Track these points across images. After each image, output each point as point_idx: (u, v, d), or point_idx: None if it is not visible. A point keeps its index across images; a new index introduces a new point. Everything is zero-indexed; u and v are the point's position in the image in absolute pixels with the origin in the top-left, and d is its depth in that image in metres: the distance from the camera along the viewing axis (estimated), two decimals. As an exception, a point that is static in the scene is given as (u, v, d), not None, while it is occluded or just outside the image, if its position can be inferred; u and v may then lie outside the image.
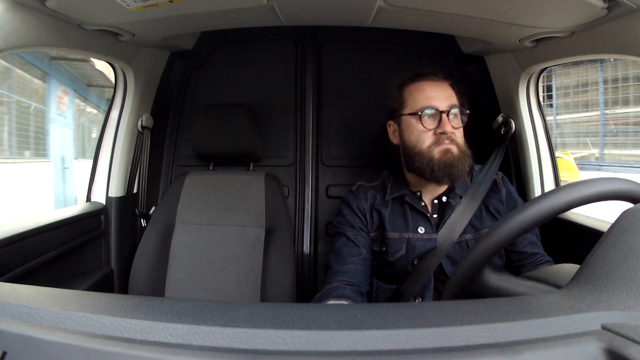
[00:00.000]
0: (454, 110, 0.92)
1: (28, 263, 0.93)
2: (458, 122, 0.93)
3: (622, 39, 0.80)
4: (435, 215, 0.97)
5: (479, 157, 1.03)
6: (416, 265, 0.94)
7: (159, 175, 1.46)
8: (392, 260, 0.95)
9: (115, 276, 1.26)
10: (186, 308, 0.35)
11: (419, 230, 0.95)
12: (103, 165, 1.28)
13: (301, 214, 1.41)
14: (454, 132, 0.91)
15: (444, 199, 0.97)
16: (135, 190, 1.36)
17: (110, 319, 0.32)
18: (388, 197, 0.99)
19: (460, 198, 0.97)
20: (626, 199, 0.49)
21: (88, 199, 1.28)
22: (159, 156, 1.45)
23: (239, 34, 1.41)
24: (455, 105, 0.93)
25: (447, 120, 0.90)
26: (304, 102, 1.43)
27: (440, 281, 0.95)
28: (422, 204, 0.97)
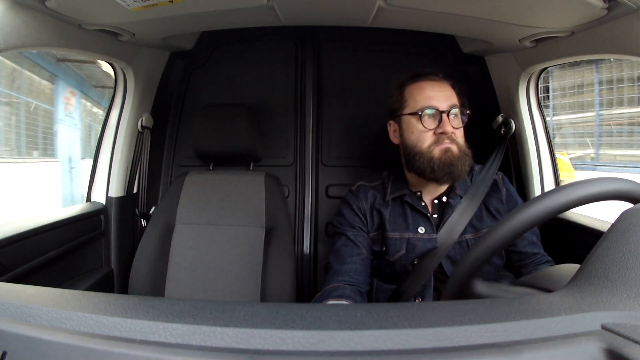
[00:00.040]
0: (454, 110, 0.92)
1: (28, 263, 0.93)
2: (458, 122, 0.93)
3: (622, 39, 0.80)
4: (435, 215, 0.97)
5: (479, 157, 1.03)
6: (416, 265, 0.94)
7: (159, 175, 1.46)
8: (392, 260, 0.95)
9: (115, 276, 1.26)
10: (186, 308, 0.35)
11: (419, 230, 0.95)
12: (103, 165, 1.28)
13: (301, 214, 1.41)
14: (454, 132, 0.91)
15: (444, 199, 0.97)
16: (135, 190, 1.36)
17: (110, 319, 0.32)
18: (388, 197, 0.99)
19: (461, 198, 0.97)
20: (626, 199, 0.48)
21: (88, 199, 1.28)
22: (159, 156, 1.45)
23: (239, 34, 1.41)
24: (455, 105, 0.93)
25: (448, 120, 0.90)
26: (304, 102, 1.43)
27: (440, 281, 0.95)
28: (423, 204, 0.97)
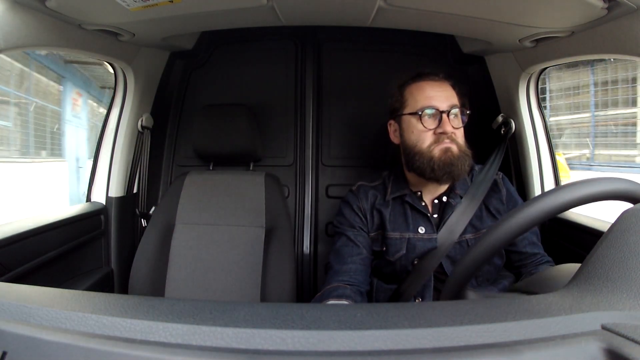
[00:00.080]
0: (455, 110, 0.92)
1: (28, 263, 0.93)
2: (458, 122, 0.93)
3: (622, 39, 0.80)
4: (435, 215, 0.97)
5: (479, 157, 1.03)
6: (416, 265, 0.94)
7: (159, 175, 1.46)
8: (393, 260, 0.95)
9: (115, 276, 1.26)
10: (186, 308, 0.35)
11: (419, 230, 0.95)
12: (103, 165, 1.28)
13: (301, 214, 1.41)
14: (455, 132, 0.91)
15: (444, 198, 0.97)
16: (135, 190, 1.36)
17: (110, 319, 0.32)
18: (388, 197, 0.99)
19: (461, 198, 0.97)
20: (626, 199, 0.48)
21: (88, 199, 1.28)
22: (159, 156, 1.45)
23: (239, 34, 1.41)
24: (455, 105, 0.93)
25: (448, 120, 0.90)
26: (304, 102, 1.43)
27: (440, 281, 0.95)
28: (423, 203, 0.97)
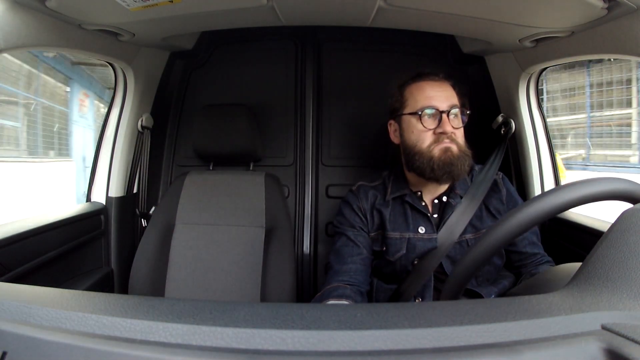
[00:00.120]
0: (455, 110, 0.92)
1: (28, 263, 0.93)
2: (458, 122, 0.93)
3: (622, 39, 0.80)
4: (435, 215, 0.97)
5: (479, 157, 1.03)
6: (416, 265, 0.94)
7: (159, 175, 1.46)
8: (393, 260, 0.95)
9: (115, 276, 1.26)
10: (186, 308, 0.35)
11: (419, 230, 0.95)
12: (103, 165, 1.28)
13: (301, 214, 1.41)
14: (454, 132, 0.91)
15: (444, 198, 0.97)
16: (135, 190, 1.36)
17: (110, 319, 0.32)
18: (389, 197, 0.99)
19: (461, 198, 0.97)
20: (625, 199, 0.48)
21: (88, 199, 1.28)
22: (159, 156, 1.45)
23: (239, 34, 1.41)
24: (455, 105, 0.93)
25: (448, 120, 0.90)
26: (304, 102, 1.43)
27: (440, 281, 0.95)
28: (423, 203, 0.97)
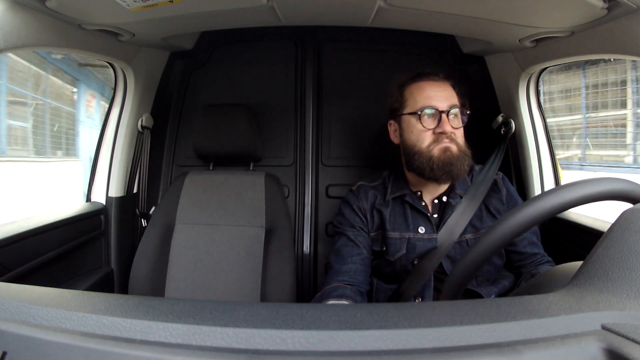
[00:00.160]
0: (454, 110, 0.92)
1: (28, 263, 0.93)
2: (458, 122, 0.93)
3: (622, 39, 0.80)
4: (435, 215, 0.97)
5: (479, 157, 1.03)
6: (416, 265, 0.94)
7: (159, 175, 1.46)
8: (393, 260, 0.95)
9: (115, 276, 1.26)
10: (186, 308, 0.35)
11: (419, 230, 0.95)
12: (103, 165, 1.28)
13: (301, 214, 1.41)
14: (454, 132, 0.91)
15: (444, 198, 0.97)
16: (135, 190, 1.36)
17: (110, 319, 0.32)
18: (389, 197, 0.99)
19: (461, 198, 0.97)
20: (625, 199, 0.48)
21: (88, 199, 1.28)
22: (159, 156, 1.45)
23: (239, 34, 1.41)
24: (455, 105, 0.93)
25: (447, 120, 0.90)
26: (304, 102, 1.43)
27: (440, 281, 0.95)
28: (423, 203, 0.97)
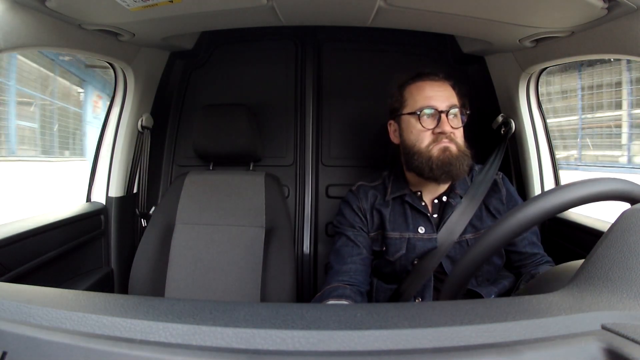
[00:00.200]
0: (454, 110, 0.92)
1: (28, 263, 0.93)
2: (458, 122, 0.93)
3: (622, 39, 0.80)
4: (435, 215, 0.97)
5: (479, 157, 1.03)
6: (416, 265, 0.94)
7: (159, 175, 1.46)
8: (393, 260, 0.95)
9: (115, 276, 1.26)
10: (186, 308, 0.35)
11: (419, 230, 0.95)
12: (103, 165, 1.28)
13: (301, 214, 1.41)
14: (454, 132, 0.91)
15: (444, 198, 0.97)
16: (135, 190, 1.36)
17: (110, 319, 0.32)
18: (388, 197, 0.99)
19: (461, 198, 0.97)
20: (625, 200, 0.48)
21: (88, 199, 1.28)
22: (159, 156, 1.45)
23: (239, 34, 1.41)
24: (455, 105, 0.93)
25: (447, 120, 0.90)
26: (304, 102, 1.43)
27: (440, 281, 0.95)
28: (423, 203, 0.97)
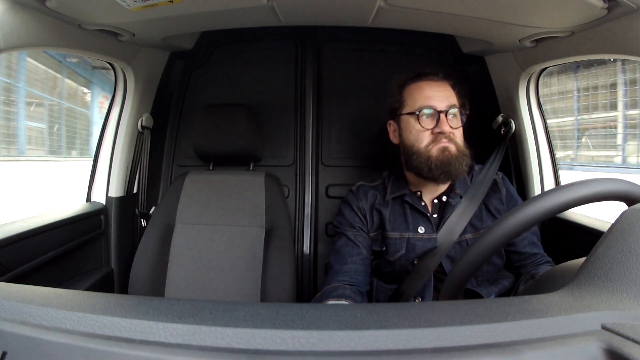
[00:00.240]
0: (453, 110, 0.92)
1: (28, 263, 0.93)
2: (457, 122, 0.93)
3: (622, 39, 0.80)
4: (435, 215, 0.97)
5: (479, 157, 1.03)
6: (416, 265, 0.94)
7: (159, 175, 1.46)
8: (392, 259, 0.95)
9: (115, 276, 1.26)
10: (186, 308, 0.35)
11: (419, 230, 0.95)
12: (103, 165, 1.27)
13: (301, 214, 1.41)
14: (453, 132, 0.91)
15: (444, 198, 0.97)
16: (135, 190, 1.36)
17: (110, 319, 0.32)
18: (388, 197, 0.99)
19: (461, 198, 0.97)
20: (624, 200, 0.48)
21: (88, 199, 1.28)
22: (159, 156, 1.45)
23: (239, 34, 1.41)
24: (454, 105, 0.93)
25: (446, 120, 0.90)
26: (304, 102, 1.43)
27: (440, 281, 0.95)
28: (422, 203, 0.97)
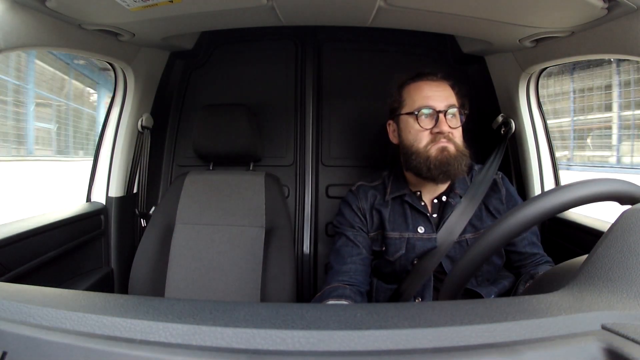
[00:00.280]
0: (452, 110, 0.92)
1: (28, 263, 0.93)
2: (456, 122, 0.93)
3: (622, 39, 0.80)
4: (435, 215, 0.97)
5: (479, 157, 1.03)
6: (416, 265, 0.94)
7: (159, 175, 1.46)
8: (392, 259, 0.96)
9: (115, 276, 1.26)
10: (186, 308, 0.35)
11: (418, 229, 0.95)
12: (103, 165, 1.28)
13: (301, 214, 1.41)
14: (452, 132, 0.91)
15: (443, 198, 0.97)
16: (135, 190, 1.36)
17: (110, 319, 0.32)
18: (388, 197, 0.99)
19: (460, 198, 0.97)
20: (624, 200, 0.48)
21: (88, 199, 1.28)
22: (159, 156, 1.45)
23: (239, 34, 1.41)
24: (453, 105, 0.93)
25: (445, 120, 0.90)
26: (304, 102, 1.43)
27: (440, 281, 0.95)
28: (422, 203, 0.97)
